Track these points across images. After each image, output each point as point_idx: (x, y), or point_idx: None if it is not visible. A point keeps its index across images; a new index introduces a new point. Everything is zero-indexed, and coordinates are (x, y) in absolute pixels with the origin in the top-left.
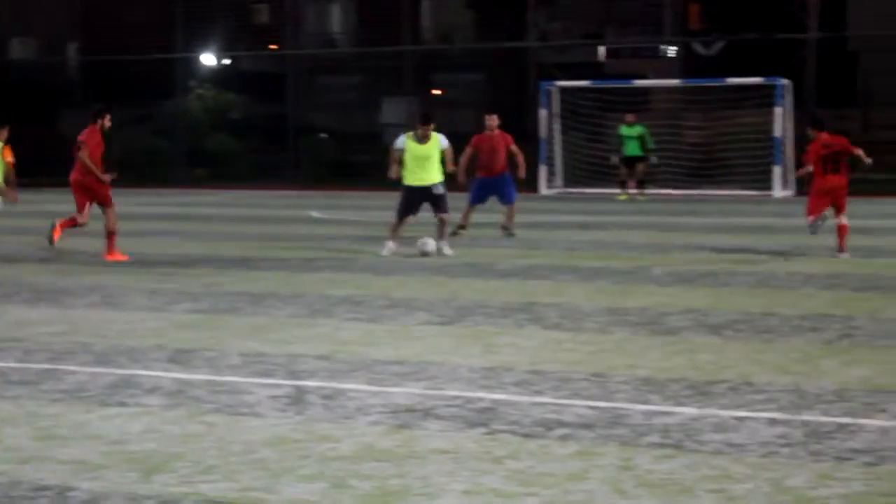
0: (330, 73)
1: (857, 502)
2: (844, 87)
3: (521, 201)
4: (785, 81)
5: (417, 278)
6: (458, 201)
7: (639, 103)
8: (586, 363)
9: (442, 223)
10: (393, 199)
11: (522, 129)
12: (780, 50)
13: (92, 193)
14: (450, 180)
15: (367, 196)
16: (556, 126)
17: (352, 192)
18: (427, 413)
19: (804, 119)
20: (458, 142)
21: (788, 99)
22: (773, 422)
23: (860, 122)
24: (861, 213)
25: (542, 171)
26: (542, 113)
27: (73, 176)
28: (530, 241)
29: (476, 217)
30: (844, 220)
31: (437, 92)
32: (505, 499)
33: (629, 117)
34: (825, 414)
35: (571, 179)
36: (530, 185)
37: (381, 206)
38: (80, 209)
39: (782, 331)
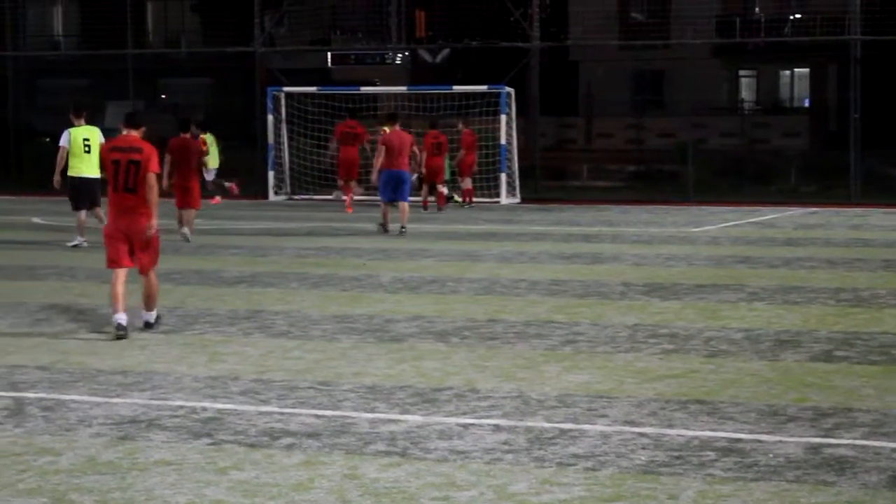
0: (53, 75)
1: None
2: (567, 95)
3: (249, 207)
4: (509, 89)
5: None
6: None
7: (367, 110)
8: (313, 371)
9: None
10: None
11: (251, 134)
12: (504, 58)
13: None
14: None
15: None
16: (284, 132)
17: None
18: (151, 424)
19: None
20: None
21: (512, 107)
22: (497, 428)
23: (583, 130)
24: (584, 220)
25: (271, 178)
26: (270, 118)
27: None
28: (258, 248)
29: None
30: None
31: (163, 96)
32: None
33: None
34: (548, 420)
35: (299, 186)
36: (259, 191)
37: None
38: None
39: (507, 337)
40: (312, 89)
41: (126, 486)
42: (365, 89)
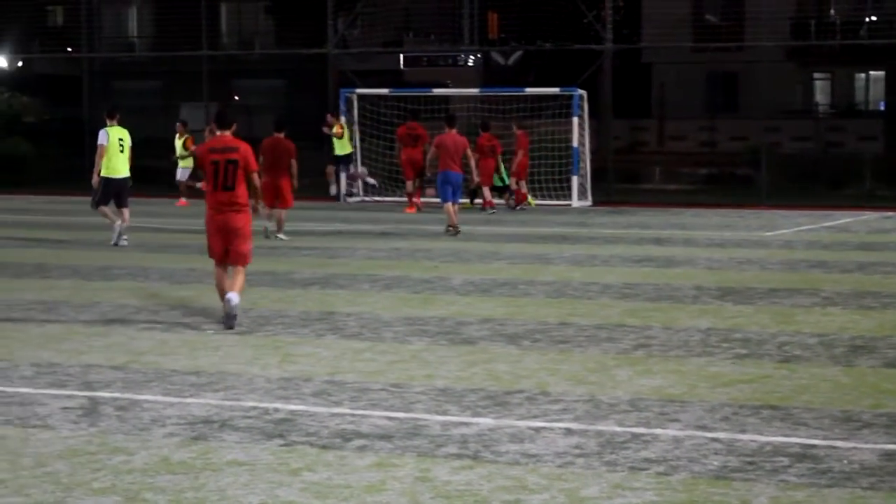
0: (127, 76)
1: None
2: (639, 98)
3: (320, 209)
4: (581, 92)
5: (214, 287)
6: None
7: (438, 112)
8: (385, 373)
9: None
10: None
11: (322, 136)
12: (577, 60)
13: None
14: None
15: (163, 203)
16: (356, 133)
17: (147, 199)
18: (223, 424)
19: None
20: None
21: (585, 109)
22: (568, 432)
23: (655, 132)
24: (657, 223)
25: (343, 179)
26: (343, 120)
27: None
28: (329, 249)
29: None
30: None
31: (236, 98)
32: None
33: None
34: (619, 424)
35: (371, 187)
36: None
37: (179, 214)
38: None
39: (578, 340)
40: (385, 91)
41: (199, 486)
42: (437, 91)
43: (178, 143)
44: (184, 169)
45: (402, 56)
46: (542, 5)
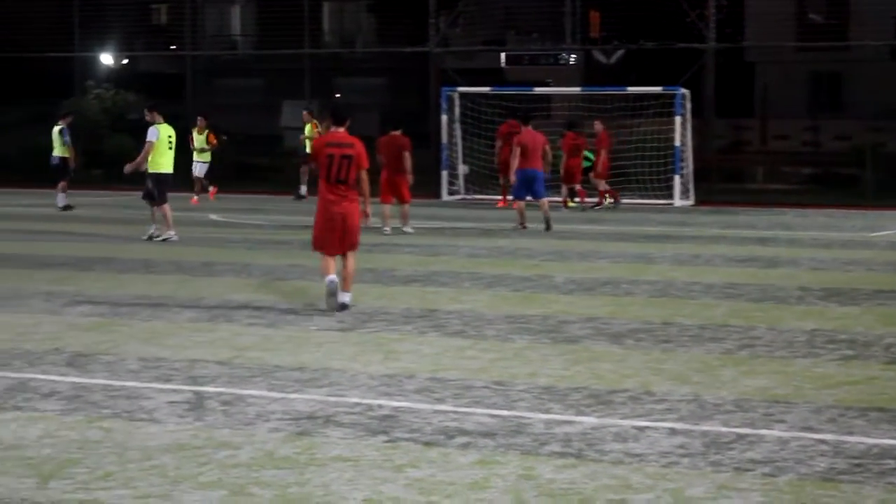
0: (230, 74)
1: None
2: (742, 97)
3: (422, 206)
4: (684, 91)
5: (318, 284)
6: None
7: (540, 110)
8: (487, 371)
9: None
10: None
11: (424, 133)
12: (679, 59)
13: None
14: None
15: (266, 200)
16: (458, 132)
17: (251, 195)
18: (328, 420)
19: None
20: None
21: (687, 108)
22: (672, 431)
23: (758, 132)
24: (760, 223)
25: (444, 177)
26: (444, 118)
27: None
28: (431, 247)
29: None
30: None
31: (337, 96)
32: None
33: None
34: (724, 424)
35: (472, 185)
36: (432, 190)
37: (279, 210)
38: None
39: (682, 340)
40: (486, 89)
41: (304, 482)
42: (538, 90)
43: (200, 137)
44: (202, 164)
45: (503, 54)
46: (644, 4)
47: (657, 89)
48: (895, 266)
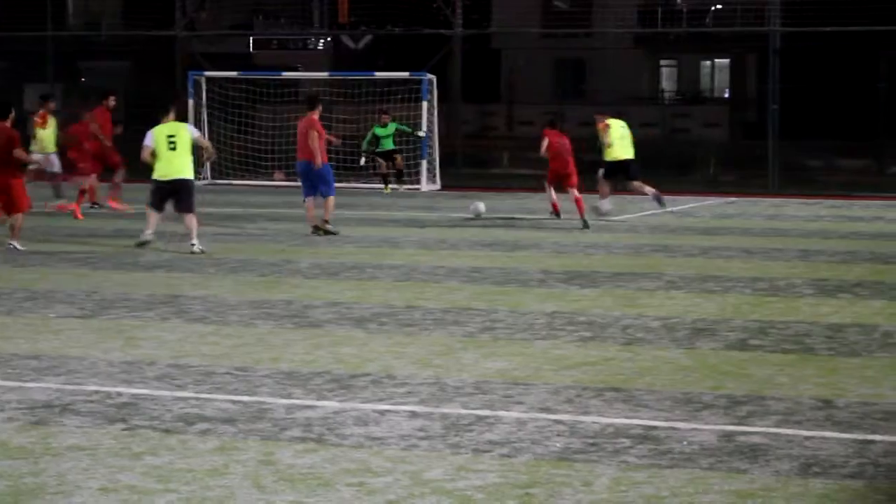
0: None
1: (493, 493)
2: (489, 83)
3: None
4: (430, 76)
5: (60, 270)
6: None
7: (288, 95)
8: (230, 357)
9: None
10: None
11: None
12: (427, 45)
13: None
14: None
15: None
16: (204, 116)
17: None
18: (64, 409)
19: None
20: None
21: (434, 94)
22: (413, 415)
23: (504, 117)
24: (504, 207)
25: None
26: (190, 103)
27: None
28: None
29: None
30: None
31: (82, 79)
32: (141, 495)
33: (385, 118)
34: (464, 406)
35: (219, 171)
36: None
37: None
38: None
39: (425, 324)
40: (233, 74)
41: (39, 472)
42: (287, 74)
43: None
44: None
45: (251, 39)
46: None
47: (404, 74)
48: (634, 249)
